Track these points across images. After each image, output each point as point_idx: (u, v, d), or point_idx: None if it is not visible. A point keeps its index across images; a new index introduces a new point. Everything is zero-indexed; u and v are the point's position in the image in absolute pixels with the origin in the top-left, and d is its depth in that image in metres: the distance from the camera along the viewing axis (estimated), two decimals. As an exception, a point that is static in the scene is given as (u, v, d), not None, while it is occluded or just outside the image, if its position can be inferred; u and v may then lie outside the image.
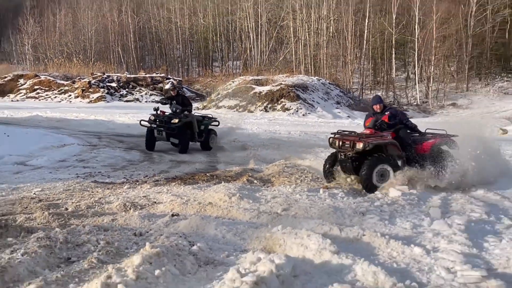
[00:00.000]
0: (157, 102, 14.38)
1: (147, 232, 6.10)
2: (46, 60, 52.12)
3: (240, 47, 51.97)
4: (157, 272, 4.57)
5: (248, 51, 49.68)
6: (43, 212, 6.85)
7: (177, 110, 12.52)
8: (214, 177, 10.53)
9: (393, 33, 39.18)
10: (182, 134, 12.36)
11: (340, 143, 9.30)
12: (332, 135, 9.65)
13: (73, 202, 7.64)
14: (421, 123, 24.55)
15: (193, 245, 5.39)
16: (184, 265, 4.93)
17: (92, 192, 8.70)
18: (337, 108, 29.69)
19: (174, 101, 12.98)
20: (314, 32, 43.06)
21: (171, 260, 4.90)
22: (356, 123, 24.81)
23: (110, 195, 8.22)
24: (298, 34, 44.10)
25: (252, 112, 28.46)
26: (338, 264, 5.03)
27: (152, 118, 12.59)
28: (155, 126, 12.16)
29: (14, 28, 58.60)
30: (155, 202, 7.73)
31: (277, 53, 46.78)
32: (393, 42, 39.46)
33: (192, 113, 13.41)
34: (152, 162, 12.56)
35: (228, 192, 8.00)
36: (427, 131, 10.09)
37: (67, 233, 5.81)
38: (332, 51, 42.03)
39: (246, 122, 24.29)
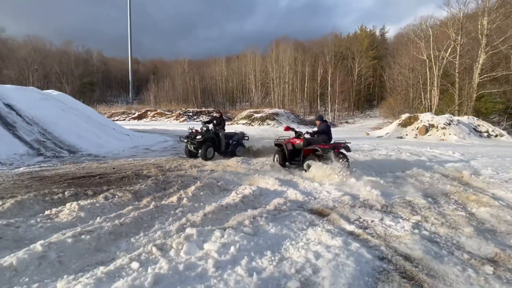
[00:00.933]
0: (203, 122, 9.70)
1: (199, 177, 6.31)
2: (159, 102, 52.32)
3: (248, 96, 52.05)
4: (201, 193, 4.88)
5: (252, 97, 49.76)
6: (155, 169, 7.10)
7: (204, 129, 9.26)
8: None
9: (318, 89, 39.19)
10: (202, 147, 8.81)
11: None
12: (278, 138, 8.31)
13: (168, 165, 7.82)
14: (332, 130, 24.54)
15: (219, 182, 5.63)
16: (214, 190, 5.18)
17: (177, 161, 8.71)
18: (292, 123, 29.55)
19: (215, 121, 9.67)
20: (282, 89, 43.09)
21: (208, 188, 5.17)
22: (302, 131, 25.02)
23: (185, 162, 8.28)
24: (275, 89, 44.12)
25: (253, 126, 28.46)
26: (280, 190, 5.28)
27: (187, 135, 9.64)
28: (186, 141, 9.18)
29: (146, 88, 58.85)
30: (204, 165, 7.84)
31: (265, 99, 46.74)
32: (319, 93, 39.40)
33: (223, 130, 9.61)
34: (205, 148, 12.57)
35: (236, 160, 8.12)
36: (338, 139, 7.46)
37: (164, 177, 6.07)
38: (290, 97, 42.01)
39: (250, 130, 24.13)
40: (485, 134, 17.93)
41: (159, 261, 2.68)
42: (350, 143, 7.21)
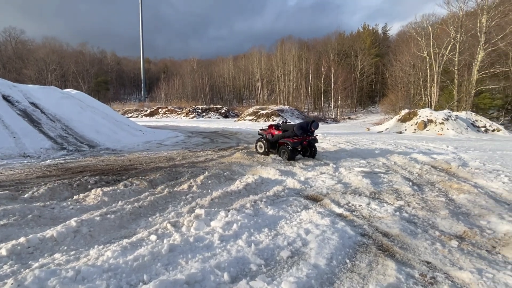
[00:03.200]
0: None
1: (207, 168, 6.57)
2: (170, 100, 52.92)
3: (254, 93, 52.27)
4: (209, 182, 5.24)
5: (258, 95, 49.95)
6: (167, 162, 7.47)
7: None
8: (235, 148, 10.48)
9: (322, 86, 39.15)
10: None
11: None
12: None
13: (179, 158, 8.14)
14: (334, 126, 24.52)
15: (225, 172, 5.92)
16: (220, 180, 5.52)
17: (187, 154, 8.84)
18: (296, 119, 29.63)
19: None
20: (287, 86, 43.17)
21: (216, 178, 5.52)
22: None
23: (193, 155, 8.57)
24: (280, 87, 44.24)
25: (259, 122, 28.70)
26: (280, 179, 5.57)
27: None
28: None
29: (157, 86, 59.48)
30: (212, 157, 8.09)
31: (271, 96, 46.92)
32: (322, 89, 39.35)
33: None
34: (213, 143, 12.52)
35: (241, 153, 8.34)
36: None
37: (175, 169, 6.54)
38: (295, 94, 42.04)
39: (256, 126, 24.33)
40: (483, 129, 17.91)
41: (173, 234, 3.07)
42: (317, 135, 8.45)
